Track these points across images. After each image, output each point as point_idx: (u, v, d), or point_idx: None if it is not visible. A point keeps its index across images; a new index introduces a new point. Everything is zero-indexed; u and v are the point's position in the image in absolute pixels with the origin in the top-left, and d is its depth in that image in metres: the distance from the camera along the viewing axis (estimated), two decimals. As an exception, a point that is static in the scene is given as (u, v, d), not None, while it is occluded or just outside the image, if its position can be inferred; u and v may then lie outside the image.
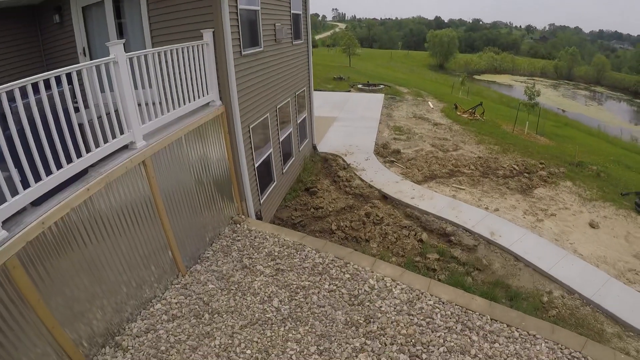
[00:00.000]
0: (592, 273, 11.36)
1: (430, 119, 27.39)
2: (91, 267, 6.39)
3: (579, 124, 46.97)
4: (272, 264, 9.24)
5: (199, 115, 9.31)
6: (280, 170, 14.37)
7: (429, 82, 61.20)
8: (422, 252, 12.00)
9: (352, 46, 69.72)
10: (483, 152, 20.81)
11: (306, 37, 17.44)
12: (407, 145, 21.38)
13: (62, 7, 10.73)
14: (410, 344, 7.23)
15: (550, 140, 27.66)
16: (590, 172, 19.34)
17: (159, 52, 7.95)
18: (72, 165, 6.00)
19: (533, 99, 31.53)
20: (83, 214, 6.17)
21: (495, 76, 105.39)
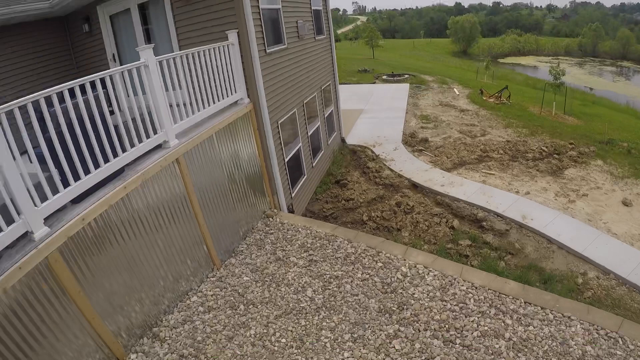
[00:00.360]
0: (628, 252, 11.25)
1: (457, 106, 27.30)
2: (129, 262, 6.65)
3: (607, 101, 46.22)
4: (305, 255, 9.39)
5: (228, 113, 9.51)
6: (310, 164, 14.52)
7: (453, 69, 60.84)
8: (454, 239, 12.03)
9: (374, 38, 69.43)
10: (511, 136, 20.67)
11: (328, 32, 17.56)
12: (434, 133, 21.36)
13: (91, 17, 11.07)
14: (444, 329, 7.32)
15: (579, 120, 27.36)
16: (621, 150, 19.16)
17: (186, 55, 8.16)
18: (109, 165, 6.27)
19: (558, 79, 31.22)
20: (121, 211, 6.41)
21: (520, 58, 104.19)
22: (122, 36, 11.07)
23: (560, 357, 6.78)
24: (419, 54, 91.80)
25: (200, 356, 6.77)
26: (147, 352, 6.75)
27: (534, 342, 7.06)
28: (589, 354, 6.81)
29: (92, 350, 5.95)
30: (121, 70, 6.58)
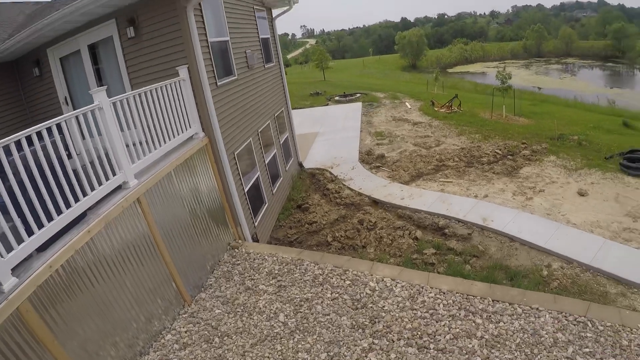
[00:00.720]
0: (588, 239, 11.63)
1: (410, 119, 27.72)
2: (100, 306, 6.62)
3: (555, 98, 47.20)
4: (273, 282, 9.46)
5: (184, 149, 9.56)
6: (270, 192, 14.60)
7: (403, 84, 61.48)
8: (419, 249, 12.23)
9: (324, 60, 70.03)
10: (465, 143, 21.17)
11: (277, 59, 17.78)
12: (390, 148, 21.68)
13: (41, 60, 11.04)
14: (417, 336, 7.49)
15: (529, 119, 28.03)
16: (572, 143, 19.81)
17: (139, 94, 8.22)
18: (71, 210, 6.26)
19: (505, 82, 31.91)
20: (87, 256, 6.40)
21: (468, 66, 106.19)
22: (73, 78, 11.05)
23: (533, 347, 7.00)
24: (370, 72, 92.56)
25: (179, 393, 6.81)
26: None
27: (506, 337, 7.28)
28: (561, 341, 7.05)
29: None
30: (76, 114, 6.63)
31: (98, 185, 6.94)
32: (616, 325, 7.24)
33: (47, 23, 9.48)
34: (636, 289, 9.60)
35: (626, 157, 16.34)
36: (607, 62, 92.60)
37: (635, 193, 14.06)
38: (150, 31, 9.85)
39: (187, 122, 9.93)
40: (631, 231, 11.91)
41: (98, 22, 10.16)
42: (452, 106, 30.09)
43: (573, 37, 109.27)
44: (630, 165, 15.60)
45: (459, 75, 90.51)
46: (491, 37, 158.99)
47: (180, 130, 9.60)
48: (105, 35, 10.26)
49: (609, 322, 7.34)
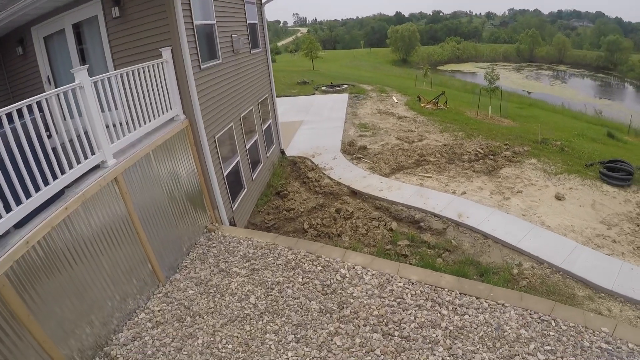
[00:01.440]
0: (560, 242, 11.78)
1: (395, 113, 27.81)
2: (77, 285, 6.72)
3: (543, 104, 47.77)
4: (247, 265, 9.62)
5: (164, 131, 9.62)
6: (250, 177, 14.70)
7: (392, 78, 61.61)
8: (393, 240, 12.39)
9: (313, 49, 69.92)
10: (448, 140, 21.24)
11: (264, 45, 17.79)
12: (373, 140, 21.77)
13: (24, 39, 10.99)
14: (383, 323, 7.68)
15: (514, 122, 28.31)
16: (554, 148, 19.89)
17: (121, 74, 8.27)
18: (49, 187, 6.33)
19: (493, 83, 32.14)
20: (64, 233, 6.50)
21: (459, 65, 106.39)
22: (56, 58, 11.00)
23: (496, 341, 7.18)
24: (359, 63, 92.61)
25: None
26: (98, 370, 6.87)
27: (470, 330, 7.47)
28: (523, 337, 7.23)
29: (47, 376, 6.03)
30: (57, 92, 6.65)
31: (76, 163, 7.01)
32: (579, 327, 7.42)
33: (31, 2, 9.48)
34: (603, 293, 9.80)
35: (606, 166, 16.47)
36: (598, 73, 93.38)
37: (612, 202, 14.25)
38: (135, 11, 9.82)
39: (168, 104, 9.98)
40: (604, 238, 12.10)
41: (83, 1, 10.09)
42: (439, 103, 30.26)
43: (567, 45, 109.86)
44: (610, 175, 15.74)
45: (449, 73, 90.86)
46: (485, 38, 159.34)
47: (161, 112, 9.64)
48: (90, 15, 10.19)
49: (572, 322, 7.51)
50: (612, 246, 11.72)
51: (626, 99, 68.51)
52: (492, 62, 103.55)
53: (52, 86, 11.09)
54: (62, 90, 6.75)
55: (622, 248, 11.63)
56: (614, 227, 12.71)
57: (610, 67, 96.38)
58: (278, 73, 39.07)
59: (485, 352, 6.98)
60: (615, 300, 9.52)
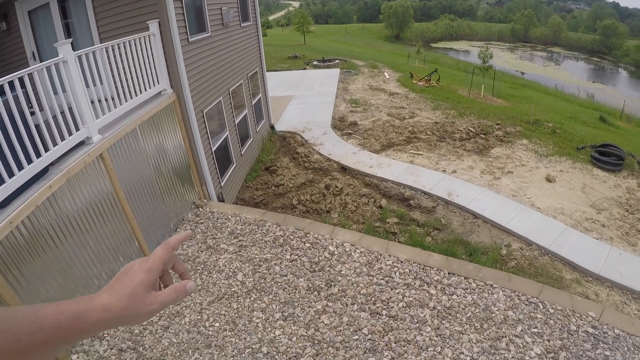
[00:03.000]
0: (550, 224, 11.77)
1: (387, 89, 27.64)
2: (62, 264, 6.66)
3: (536, 85, 47.71)
4: (235, 242, 9.59)
5: (151, 105, 9.48)
6: (239, 152, 14.61)
7: (385, 54, 61.30)
8: (382, 217, 12.35)
9: (305, 24, 69.37)
10: (439, 118, 21.12)
11: (255, 19, 17.56)
12: (364, 116, 21.64)
13: (8, 14, 10.78)
14: (371, 302, 7.70)
15: (507, 102, 28.22)
16: (546, 130, 19.81)
17: (106, 47, 8.10)
18: (33, 165, 6.21)
19: (487, 62, 32.02)
20: (49, 212, 6.41)
21: (452, 43, 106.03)
22: (41, 33, 10.80)
23: (483, 322, 7.22)
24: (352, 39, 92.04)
25: (138, 348, 6.92)
26: (87, 351, 6.84)
27: (458, 310, 7.50)
28: (511, 318, 7.28)
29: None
30: (39, 67, 6.49)
31: (60, 140, 6.89)
32: (567, 310, 7.49)
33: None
34: (591, 277, 9.81)
35: (598, 150, 16.43)
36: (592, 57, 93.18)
37: (602, 186, 14.25)
38: (121, -17, 9.66)
39: (155, 78, 9.82)
40: (593, 222, 12.11)
41: (68, -27, 9.91)
42: (431, 80, 30.03)
43: (562, 27, 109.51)
44: (601, 159, 15.74)
45: (442, 50, 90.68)
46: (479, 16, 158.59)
47: (148, 86, 9.49)
48: (75, -14, 10.04)
49: (560, 306, 7.58)
50: (601, 230, 11.75)
51: (619, 84, 68.56)
52: (486, 41, 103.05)
53: (37, 62, 10.89)
54: (44, 65, 6.60)
55: (610, 233, 11.67)
56: (603, 211, 12.74)
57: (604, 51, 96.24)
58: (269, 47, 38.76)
59: (472, 333, 7.01)
60: (603, 285, 9.54)
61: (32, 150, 6.23)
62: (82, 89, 7.36)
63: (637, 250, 10.88)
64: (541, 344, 6.81)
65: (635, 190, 14.01)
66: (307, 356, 6.66)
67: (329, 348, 6.79)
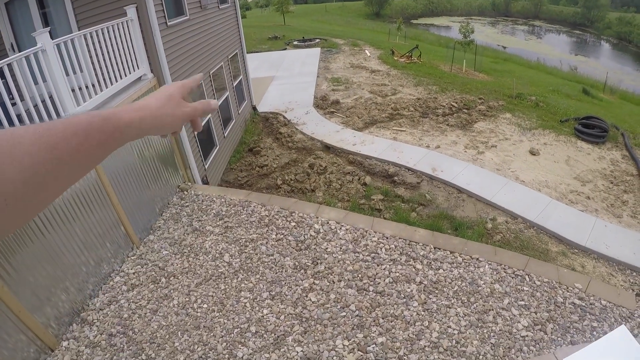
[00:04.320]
0: (534, 197, 11.87)
1: (368, 67, 27.59)
2: (50, 253, 6.71)
3: (518, 59, 47.67)
4: (220, 223, 9.64)
5: (132, 91, 9.47)
6: (222, 135, 14.62)
7: (365, 32, 60.94)
8: (367, 194, 12.41)
9: (284, 4, 68.92)
10: (422, 94, 21.12)
11: (233, 0, 17.51)
12: (345, 95, 21.66)
13: (-15, 7, 10.72)
14: (357, 278, 7.79)
15: (489, 76, 28.25)
16: (529, 103, 19.89)
17: (84, 35, 8.08)
18: None
19: (468, 37, 32.00)
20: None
21: (433, 19, 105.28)
22: (19, 24, 10.68)
23: (470, 296, 7.32)
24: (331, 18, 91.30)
25: (128, 332, 6.97)
26: (77, 337, 6.89)
27: (444, 284, 7.60)
28: (497, 292, 7.38)
29: (24, 345, 6.06)
30: (18, 57, 6.50)
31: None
32: (553, 282, 7.60)
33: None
34: (576, 249, 9.92)
35: (581, 122, 16.52)
36: (574, 29, 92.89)
37: (586, 158, 14.36)
38: (97, -30, 9.59)
39: (135, 63, 9.81)
40: (578, 194, 12.21)
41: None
42: (412, 56, 29.97)
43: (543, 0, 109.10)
44: (584, 131, 15.86)
45: (423, 27, 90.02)
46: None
47: (128, 72, 9.48)
48: (50, -24, 9.96)
49: (546, 278, 7.69)
50: (586, 202, 11.87)
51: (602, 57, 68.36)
52: (467, 16, 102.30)
53: (17, 53, 10.82)
54: (23, 55, 6.61)
55: (595, 205, 11.78)
56: (588, 183, 12.86)
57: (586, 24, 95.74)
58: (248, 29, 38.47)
59: (459, 307, 7.11)
60: (589, 257, 9.66)
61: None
62: (62, 77, 7.35)
63: (623, 222, 11.02)
64: (528, 316, 6.92)
65: (620, 162, 14.15)
66: (296, 334, 6.75)
67: (317, 325, 6.88)
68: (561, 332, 6.65)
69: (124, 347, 6.73)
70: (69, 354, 6.57)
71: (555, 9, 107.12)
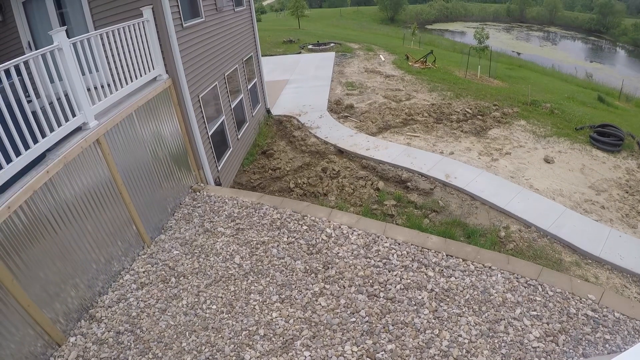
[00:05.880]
0: (548, 206, 11.77)
1: (382, 72, 27.56)
2: (61, 249, 6.71)
3: (533, 65, 47.49)
4: (232, 225, 9.65)
5: (147, 91, 9.48)
6: (235, 137, 14.61)
7: (380, 36, 60.96)
8: (379, 199, 12.37)
9: (300, 8, 69.01)
10: (436, 99, 21.09)
11: (248, 3, 17.50)
12: (360, 99, 21.62)
13: (4, 5, 10.74)
14: (368, 284, 7.75)
15: (504, 82, 28.14)
16: (544, 110, 19.77)
17: (100, 34, 8.09)
18: (30, 151, 6.23)
19: (483, 43, 31.91)
20: (47, 197, 6.44)
21: (447, 24, 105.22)
22: (36, 23, 10.74)
23: (482, 305, 7.24)
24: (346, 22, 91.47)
25: (135, 331, 6.98)
26: (85, 333, 6.91)
27: (456, 292, 7.53)
28: (509, 301, 7.29)
29: (32, 339, 6.07)
30: (35, 55, 6.49)
31: (57, 126, 6.88)
32: (566, 293, 7.49)
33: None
34: (590, 259, 9.84)
35: (597, 130, 16.40)
36: (589, 36, 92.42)
37: (601, 167, 14.25)
38: (114, -30, 9.62)
39: (150, 63, 9.82)
40: (592, 203, 12.12)
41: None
42: (427, 62, 29.99)
43: (558, 5, 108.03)
44: (600, 139, 15.73)
45: (437, 32, 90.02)
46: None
47: (143, 72, 9.49)
48: (68, -24, 10.01)
49: (559, 288, 7.58)
50: (600, 212, 11.77)
51: (617, 64, 68.04)
52: (482, 22, 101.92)
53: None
54: (40, 52, 6.60)
55: (610, 214, 11.68)
56: (602, 192, 12.75)
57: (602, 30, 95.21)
58: (263, 32, 38.58)
59: (470, 316, 7.04)
60: (603, 268, 9.58)
61: (29, 136, 6.24)
62: (78, 75, 7.36)
63: (638, 233, 10.92)
64: (540, 327, 6.83)
65: (635, 171, 14.03)
66: (304, 338, 6.72)
67: (325, 330, 6.85)
68: (573, 344, 6.56)
69: (131, 345, 6.74)
70: (76, 349, 6.58)
71: (570, 15, 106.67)
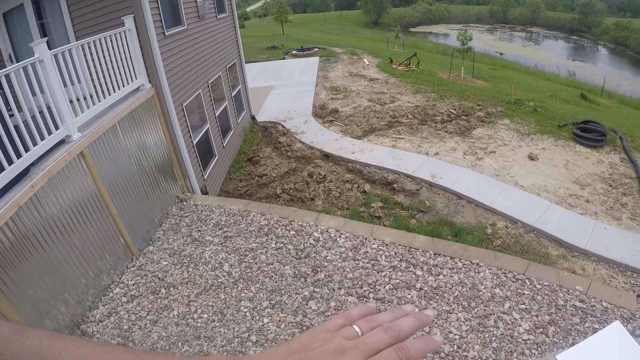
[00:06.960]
0: (534, 202, 11.90)
1: (366, 75, 27.65)
2: (49, 265, 6.66)
3: (516, 65, 47.91)
4: (220, 233, 9.63)
5: (130, 101, 9.45)
6: (221, 144, 14.58)
7: (364, 40, 61.14)
8: (366, 202, 12.41)
9: (283, 13, 69.13)
10: (420, 101, 21.19)
11: (231, 10, 17.49)
12: (344, 103, 21.68)
13: (-18, 17, 10.72)
14: (357, 286, 7.80)
15: (487, 83, 28.33)
16: (527, 109, 19.95)
17: (82, 45, 8.07)
18: (14, 166, 6.16)
19: (466, 44, 32.09)
20: (32, 213, 6.38)
21: (431, 27, 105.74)
22: (17, 35, 10.67)
23: (471, 300, 7.32)
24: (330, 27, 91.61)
25: (128, 344, 6.97)
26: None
27: (445, 290, 7.60)
28: (498, 296, 7.38)
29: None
30: (16, 68, 6.45)
31: (40, 140, 6.84)
32: (554, 285, 7.60)
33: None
34: (576, 252, 9.93)
35: (579, 126, 16.63)
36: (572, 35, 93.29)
37: (585, 162, 14.40)
38: (94, -21, 9.59)
39: (133, 73, 9.78)
40: (577, 198, 12.25)
41: (40, -27, 9.83)
42: (410, 64, 30.12)
43: (540, 6, 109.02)
44: (583, 135, 15.93)
45: (421, 35, 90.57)
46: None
47: (125, 82, 9.45)
48: (48, -13, 9.96)
49: (547, 281, 7.70)
50: (585, 206, 11.89)
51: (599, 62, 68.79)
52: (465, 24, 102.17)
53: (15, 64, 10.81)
54: (20, 65, 6.56)
55: (595, 208, 11.80)
56: (587, 187, 12.88)
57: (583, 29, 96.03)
58: (247, 39, 38.64)
59: (460, 312, 7.11)
60: (589, 259, 9.65)
61: (12, 151, 6.19)
62: (60, 87, 7.32)
63: (622, 224, 11.04)
64: (529, 319, 6.93)
65: (618, 165, 14.18)
66: (296, 342, 6.72)
67: (317, 333, 6.85)
68: (563, 335, 6.66)
69: (123, 358, 6.69)
70: (69, 366, 6.53)
71: (552, 15, 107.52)
